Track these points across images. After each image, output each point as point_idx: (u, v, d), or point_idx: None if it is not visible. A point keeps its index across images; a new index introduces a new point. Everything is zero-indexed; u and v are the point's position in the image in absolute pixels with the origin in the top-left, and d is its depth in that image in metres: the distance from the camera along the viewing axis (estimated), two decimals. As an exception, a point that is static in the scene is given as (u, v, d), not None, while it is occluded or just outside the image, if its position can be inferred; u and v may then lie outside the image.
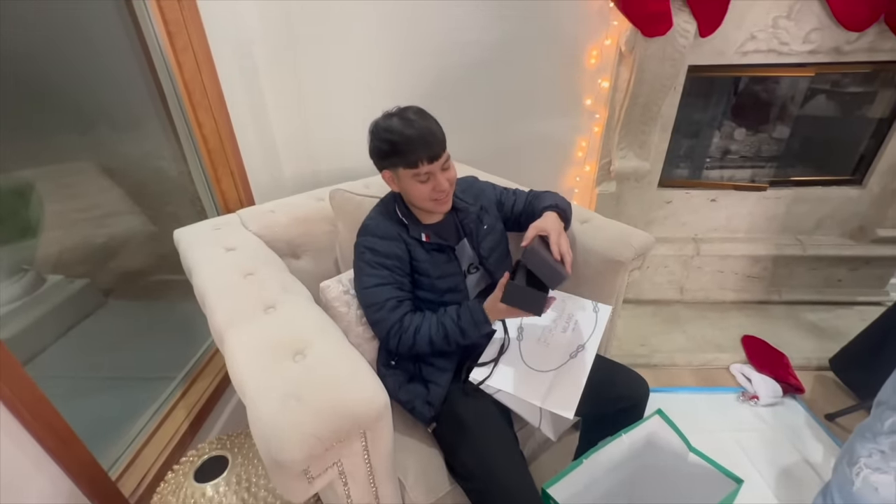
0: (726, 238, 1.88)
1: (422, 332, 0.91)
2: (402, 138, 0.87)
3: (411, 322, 0.92)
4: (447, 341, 0.91)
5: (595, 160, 1.74)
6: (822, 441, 1.40)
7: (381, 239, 0.97)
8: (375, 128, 0.91)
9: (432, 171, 0.90)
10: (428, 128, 0.88)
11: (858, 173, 1.77)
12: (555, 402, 0.82)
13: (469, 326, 0.89)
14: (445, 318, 0.91)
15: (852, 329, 1.82)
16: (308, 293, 0.95)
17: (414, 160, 0.88)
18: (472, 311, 0.89)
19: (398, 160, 0.90)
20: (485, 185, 1.17)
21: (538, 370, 0.89)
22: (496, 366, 0.91)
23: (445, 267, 0.99)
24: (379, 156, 0.93)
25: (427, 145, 0.87)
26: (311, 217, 1.27)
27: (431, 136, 0.88)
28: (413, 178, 0.91)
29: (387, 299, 0.93)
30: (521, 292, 0.81)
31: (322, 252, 1.28)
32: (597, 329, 0.96)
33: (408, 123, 0.87)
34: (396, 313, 0.93)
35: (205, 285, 0.94)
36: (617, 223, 1.17)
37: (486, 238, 1.07)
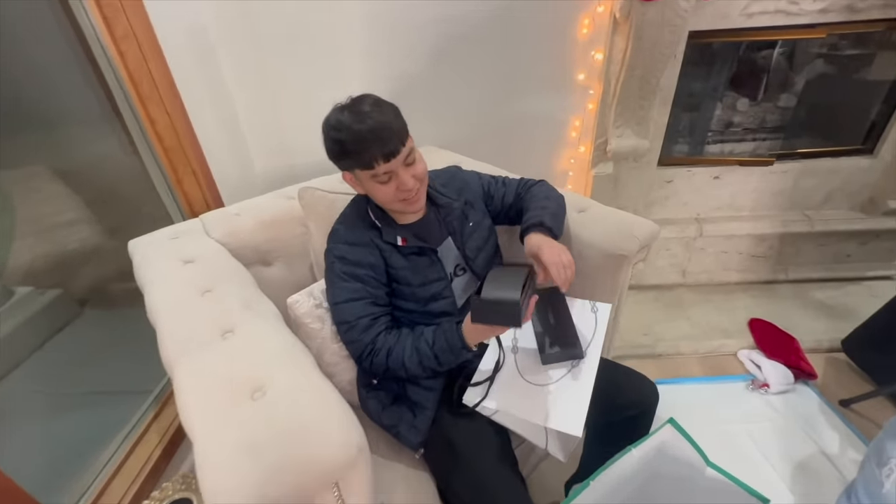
0: (730, 217, 1.78)
1: (394, 356, 0.81)
2: (352, 136, 0.75)
3: (384, 343, 0.82)
4: (422, 367, 0.80)
5: (590, 140, 1.62)
6: (837, 430, 1.34)
7: (351, 246, 0.86)
8: (326, 125, 0.80)
9: (392, 170, 0.78)
10: (381, 121, 0.76)
11: (870, 142, 1.66)
12: (559, 420, 0.73)
13: (444, 353, 0.78)
14: (420, 342, 0.80)
15: (862, 306, 1.75)
16: (275, 310, 0.84)
17: (367, 160, 0.76)
18: (448, 336, 0.78)
19: (352, 161, 0.78)
20: (469, 176, 1.05)
21: (538, 384, 0.79)
22: (491, 385, 0.81)
23: (428, 272, 0.88)
24: (333, 157, 0.81)
25: (380, 141, 0.75)
26: (281, 219, 1.15)
27: (385, 131, 0.76)
28: (372, 180, 0.80)
29: (359, 317, 0.82)
30: (491, 306, 0.70)
31: (295, 258, 1.17)
32: (597, 332, 0.86)
33: (359, 118, 0.75)
34: (369, 333, 0.82)
35: (156, 306, 0.83)
36: (617, 212, 1.06)
37: (471, 236, 0.96)
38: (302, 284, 1.17)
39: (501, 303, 0.69)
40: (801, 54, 1.63)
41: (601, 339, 0.84)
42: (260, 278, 1.10)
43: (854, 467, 1.24)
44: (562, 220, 0.97)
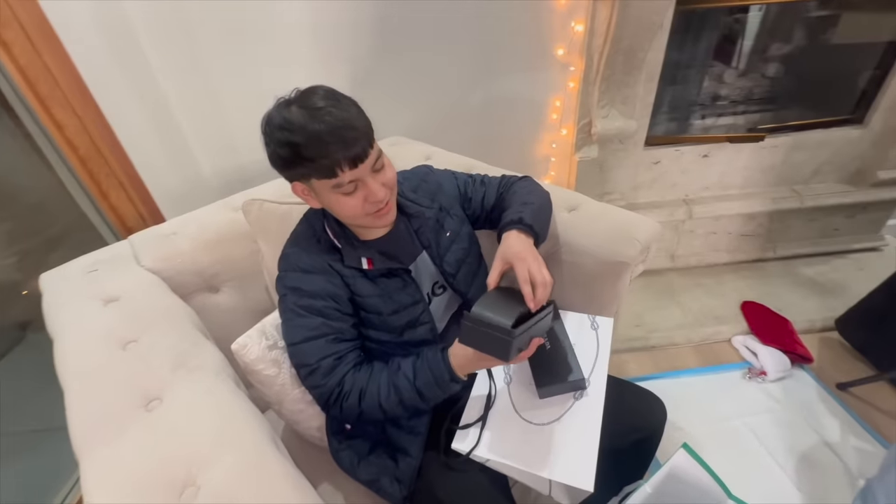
0: (719, 196, 1.70)
1: (368, 398, 0.67)
2: (308, 137, 0.59)
3: (354, 383, 0.68)
4: (403, 407, 0.68)
5: (572, 122, 1.48)
6: (837, 416, 1.29)
7: (305, 274, 0.71)
8: (268, 124, 0.63)
9: (359, 178, 0.64)
10: (343, 118, 0.60)
11: (859, 111, 1.59)
12: (565, 471, 0.62)
13: (428, 387, 0.66)
14: (398, 378, 0.68)
15: (851, 281, 1.72)
16: (217, 362, 0.69)
17: (329, 167, 0.61)
18: (433, 367, 0.66)
19: (307, 169, 0.63)
20: (442, 177, 0.90)
21: (537, 423, 0.68)
22: (484, 427, 0.69)
23: (400, 297, 0.75)
24: (280, 164, 0.65)
25: (344, 143, 0.60)
26: (226, 236, 0.99)
27: (349, 130, 0.61)
28: (334, 191, 0.65)
29: (321, 358, 0.68)
30: (481, 326, 0.58)
31: (248, 280, 1.01)
32: (600, 353, 0.75)
33: (313, 114, 0.59)
34: (335, 375, 0.68)
35: (64, 367, 0.67)
36: (612, 209, 0.94)
37: (450, 248, 0.82)
38: (258, 310, 1.01)
39: (492, 325, 0.57)
40: (787, 18, 1.53)
41: (606, 361, 0.73)
42: (207, 308, 0.95)
43: (856, 455, 1.20)
44: (547, 218, 0.84)
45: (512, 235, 0.74)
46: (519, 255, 0.68)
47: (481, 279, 0.90)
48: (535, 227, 0.76)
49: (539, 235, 0.77)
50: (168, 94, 1.21)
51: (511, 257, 0.69)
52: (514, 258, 0.68)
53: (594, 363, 0.73)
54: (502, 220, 0.79)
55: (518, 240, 0.73)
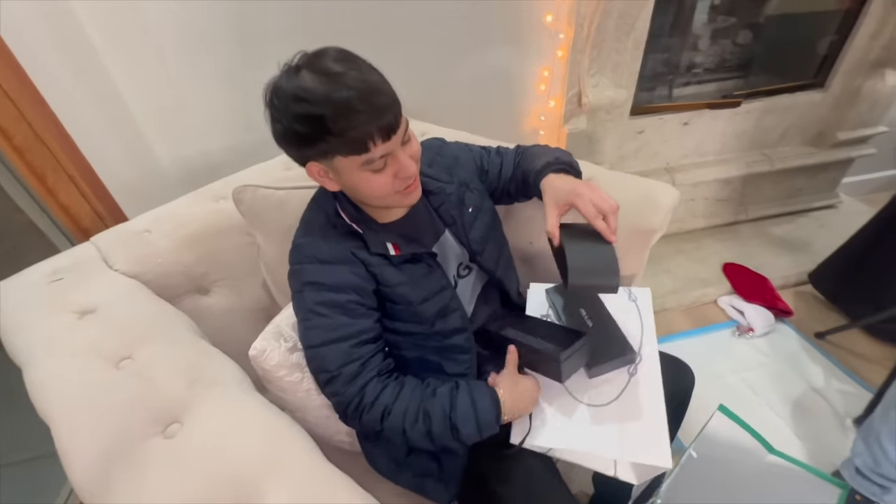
0: (698, 164, 1.74)
1: (393, 419, 0.60)
2: (334, 108, 0.51)
3: (378, 397, 0.60)
4: (429, 439, 0.60)
5: (560, 93, 1.44)
6: (819, 363, 1.39)
7: (324, 265, 0.63)
8: (277, 96, 0.54)
9: (390, 152, 0.57)
10: (369, 82, 0.53)
11: (821, 75, 1.67)
12: (638, 450, 0.59)
13: (466, 424, 0.59)
14: (432, 405, 0.60)
15: (815, 237, 1.84)
16: (234, 369, 0.61)
17: (359, 141, 0.53)
18: (477, 403, 0.60)
19: (332, 145, 0.54)
20: (457, 150, 0.84)
21: (597, 404, 0.65)
22: (540, 415, 0.65)
23: (428, 283, 0.68)
24: (297, 142, 0.56)
25: (377, 112, 0.53)
26: (212, 228, 0.87)
27: (380, 95, 0.54)
28: (362, 169, 0.57)
29: (342, 366, 0.60)
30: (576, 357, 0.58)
31: (242, 276, 0.90)
32: (645, 323, 0.74)
33: (334, 80, 0.52)
34: (355, 385, 0.61)
35: (46, 397, 0.55)
36: (629, 177, 0.92)
37: (474, 224, 0.77)
38: (257, 310, 0.92)
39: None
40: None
41: (653, 331, 0.71)
42: (198, 312, 0.84)
43: (841, 398, 1.30)
44: (577, 164, 0.79)
45: (551, 178, 0.69)
46: (574, 191, 0.63)
47: (507, 255, 0.85)
48: (575, 165, 0.72)
49: (579, 173, 0.73)
50: (114, 75, 1.05)
51: (567, 195, 0.63)
52: (571, 195, 0.62)
53: (641, 335, 0.71)
54: (533, 173, 0.74)
55: (561, 180, 0.68)
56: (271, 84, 0.55)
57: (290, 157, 0.60)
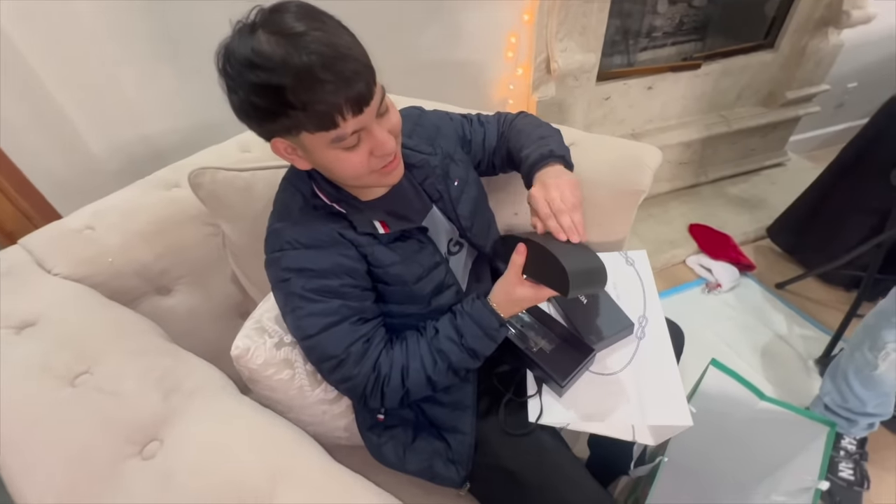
0: (661, 128, 1.77)
1: (413, 373, 0.59)
2: (293, 76, 0.44)
3: (392, 364, 0.59)
4: (453, 372, 0.60)
5: (528, 60, 1.40)
6: (781, 311, 1.47)
7: (310, 250, 0.57)
8: (230, 62, 0.47)
9: (364, 126, 0.51)
10: (337, 44, 0.46)
11: (771, 36, 1.72)
12: (658, 412, 0.59)
13: (478, 341, 0.59)
14: (442, 342, 0.60)
15: (768, 194, 1.94)
16: (214, 373, 0.54)
17: (326, 114, 0.47)
18: (477, 319, 0.59)
19: (295, 120, 0.47)
20: (437, 119, 0.78)
21: (608, 373, 0.64)
22: (547, 390, 0.63)
23: (421, 259, 0.64)
24: (255, 117, 0.49)
25: (345, 81, 0.46)
26: (167, 222, 0.78)
27: (349, 61, 0.46)
28: (333, 147, 0.51)
29: (348, 346, 0.57)
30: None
31: (207, 271, 0.81)
32: (646, 286, 0.73)
33: (293, 42, 0.44)
34: (368, 361, 0.58)
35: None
36: (612, 139, 0.90)
37: (461, 198, 0.72)
38: (227, 306, 0.84)
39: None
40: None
41: (655, 293, 0.71)
42: (160, 316, 0.75)
43: (802, 342, 1.39)
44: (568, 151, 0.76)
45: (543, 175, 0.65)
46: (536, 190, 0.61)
47: (495, 229, 0.82)
48: (567, 157, 0.69)
49: (571, 166, 0.70)
50: (25, 52, 0.90)
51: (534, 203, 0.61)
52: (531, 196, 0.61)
53: (644, 298, 0.70)
54: (525, 163, 0.70)
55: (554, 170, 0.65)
56: (223, 47, 0.48)
57: (253, 131, 0.53)
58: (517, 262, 0.57)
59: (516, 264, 0.57)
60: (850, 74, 1.97)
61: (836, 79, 1.88)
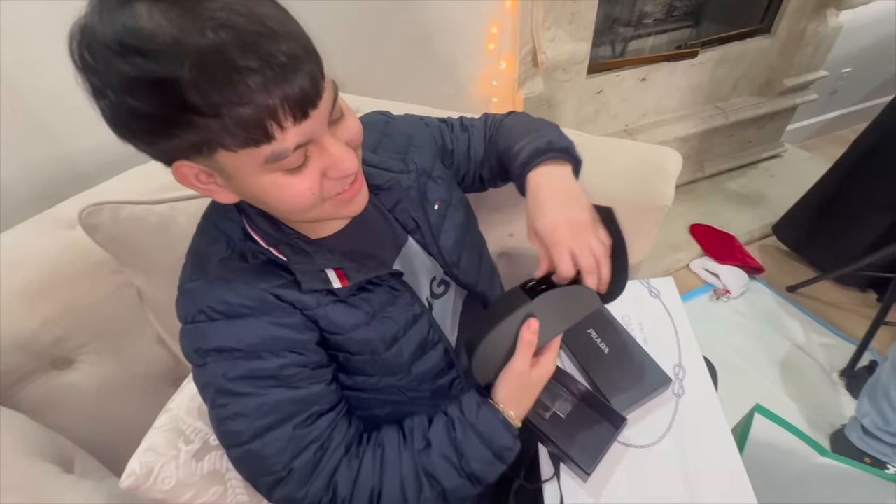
0: (657, 123, 1.65)
1: (388, 501, 0.43)
2: (193, 63, 0.28)
3: (356, 482, 0.42)
4: (445, 499, 0.45)
5: (513, 52, 1.25)
6: (796, 317, 1.36)
7: (233, 320, 0.41)
8: (90, 49, 0.30)
9: (312, 138, 0.35)
10: (258, 14, 0.30)
11: (767, 20, 1.61)
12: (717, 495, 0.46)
13: (486, 466, 0.44)
14: (435, 461, 0.44)
15: (768, 188, 1.83)
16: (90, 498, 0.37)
17: (253, 122, 0.31)
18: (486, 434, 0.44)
19: (205, 132, 0.31)
20: (409, 126, 0.62)
21: (644, 444, 0.49)
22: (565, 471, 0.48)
23: (395, 314, 0.47)
24: (139, 130, 0.32)
25: (278, 69, 0.30)
26: (65, 272, 0.60)
27: (281, 40, 0.31)
28: (267, 170, 0.35)
29: (293, 458, 0.40)
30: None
31: (121, 333, 0.63)
32: (678, 324, 0.59)
33: (190, 10, 0.28)
34: (320, 478, 0.41)
35: None
36: (623, 142, 0.76)
37: (444, 225, 0.56)
38: (155, 378, 0.67)
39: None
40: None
41: (689, 332, 0.57)
42: (55, 398, 0.58)
43: (823, 351, 1.27)
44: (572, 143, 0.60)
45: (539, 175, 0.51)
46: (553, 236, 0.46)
47: (487, 260, 0.66)
48: (571, 150, 0.55)
49: (578, 161, 0.56)
50: None
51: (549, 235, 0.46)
52: (549, 242, 0.46)
53: (677, 341, 0.55)
54: (517, 162, 0.55)
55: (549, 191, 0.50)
56: (77, 27, 0.30)
57: (145, 153, 0.35)
58: (529, 342, 0.42)
59: (527, 343, 0.42)
60: (844, 59, 1.88)
61: (832, 64, 1.78)
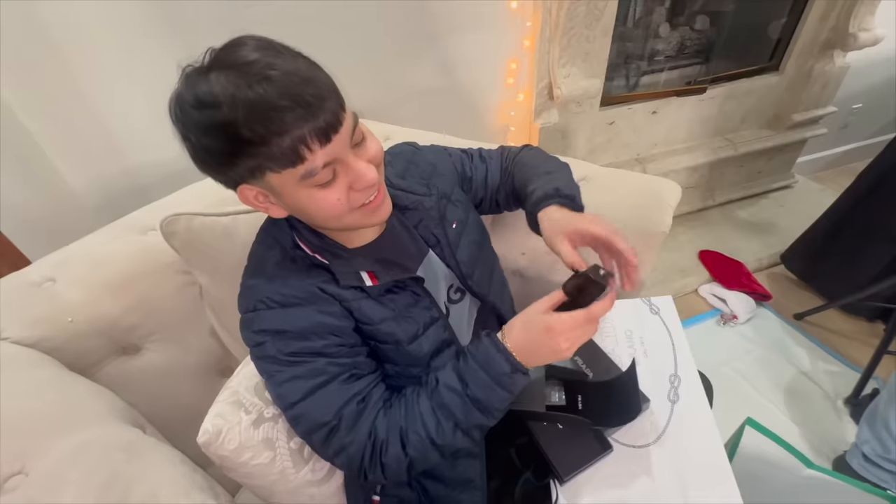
0: (666, 153, 1.72)
1: (413, 437, 0.49)
2: (245, 109, 0.39)
3: (389, 427, 0.50)
4: (463, 432, 0.50)
5: (530, 86, 1.36)
6: (802, 345, 1.39)
7: (287, 308, 0.50)
8: (180, 108, 0.42)
9: (337, 158, 0.45)
10: (294, 70, 0.41)
11: (776, 58, 1.69)
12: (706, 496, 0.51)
13: (487, 391, 0.49)
14: (443, 394, 0.50)
15: (777, 218, 1.88)
16: (175, 469, 0.45)
17: (290, 148, 0.41)
18: (482, 360, 0.50)
19: (257, 160, 0.42)
20: (433, 156, 0.72)
21: (640, 445, 0.55)
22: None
23: (416, 315, 0.56)
24: (214, 163, 0.44)
25: (307, 107, 0.41)
26: (138, 271, 0.70)
27: (308, 85, 0.41)
28: (304, 185, 0.45)
29: (340, 409, 0.49)
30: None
31: (183, 325, 0.73)
32: (675, 339, 0.65)
33: (243, 73, 0.40)
34: (362, 426, 0.49)
35: None
36: (626, 174, 0.84)
37: (460, 242, 0.65)
38: (208, 364, 0.76)
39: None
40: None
41: (685, 347, 0.63)
42: (127, 379, 0.67)
43: (828, 378, 1.30)
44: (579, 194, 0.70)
45: (551, 211, 0.60)
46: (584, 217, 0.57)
47: (499, 275, 0.74)
48: (577, 199, 0.63)
49: (580, 207, 0.63)
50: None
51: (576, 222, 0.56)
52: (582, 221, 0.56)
53: (674, 354, 0.62)
54: (530, 201, 0.64)
55: (562, 212, 0.59)
56: (174, 95, 0.43)
57: (217, 181, 0.47)
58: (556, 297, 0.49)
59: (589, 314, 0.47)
60: (854, 96, 1.94)
61: (841, 100, 1.84)
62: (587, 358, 0.65)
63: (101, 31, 0.88)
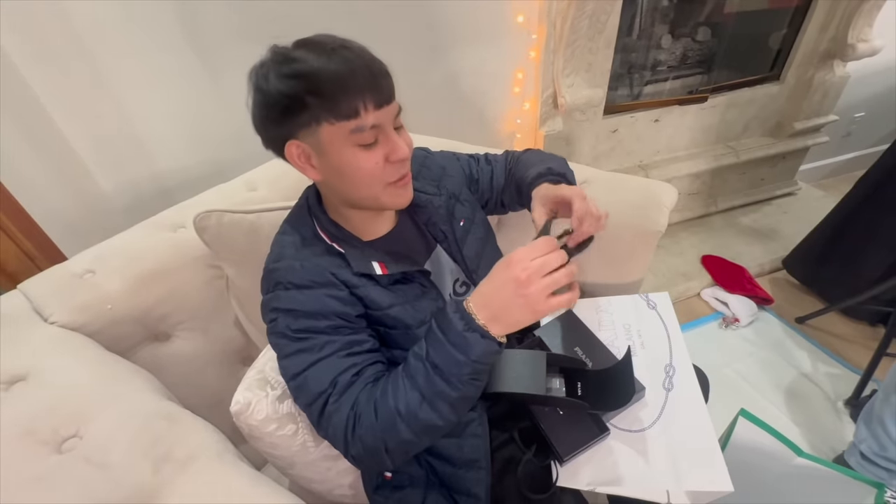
0: (669, 159, 1.76)
1: (382, 407, 0.49)
2: (327, 70, 0.48)
3: (368, 399, 0.50)
4: (427, 403, 0.47)
5: (535, 95, 1.41)
6: (804, 348, 1.41)
7: (300, 290, 0.54)
8: (262, 65, 0.51)
9: (382, 124, 0.52)
10: (365, 55, 0.51)
11: (777, 68, 1.73)
12: (698, 477, 0.54)
13: (444, 354, 0.47)
14: (410, 362, 0.50)
15: (780, 224, 1.91)
16: (211, 435, 0.50)
17: (350, 104, 0.49)
18: (440, 320, 0.48)
19: (319, 110, 0.49)
20: (443, 160, 0.78)
21: (635, 430, 0.59)
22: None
23: (422, 305, 0.60)
24: (277, 114, 0.50)
25: (373, 78, 0.50)
26: (169, 264, 0.76)
27: (376, 64, 0.51)
28: (349, 141, 0.51)
29: (335, 377, 0.51)
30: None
31: (209, 315, 0.79)
32: (671, 331, 0.69)
33: (328, 53, 0.49)
34: (348, 396, 0.50)
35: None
36: (625, 177, 0.88)
37: (466, 239, 0.70)
38: (230, 352, 0.81)
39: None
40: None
41: (680, 338, 0.67)
42: (158, 364, 0.72)
43: (828, 380, 1.32)
44: (572, 175, 0.76)
45: (543, 186, 0.66)
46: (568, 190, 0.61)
47: None
48: (569, 176, 0.69)
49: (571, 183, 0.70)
50: (35, 87, 0.91)
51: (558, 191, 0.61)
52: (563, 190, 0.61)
53: (669, 345, 0.66)
54: (526, 183, 0.71)
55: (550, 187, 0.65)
56: (270, 56, 0.51)
57: (268, 140, 0.54)
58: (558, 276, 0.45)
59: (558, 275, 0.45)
60: (856, 104, 1.97)
61: (843, 109, 1.87)
62: (587, 349, 0.69)
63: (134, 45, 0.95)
